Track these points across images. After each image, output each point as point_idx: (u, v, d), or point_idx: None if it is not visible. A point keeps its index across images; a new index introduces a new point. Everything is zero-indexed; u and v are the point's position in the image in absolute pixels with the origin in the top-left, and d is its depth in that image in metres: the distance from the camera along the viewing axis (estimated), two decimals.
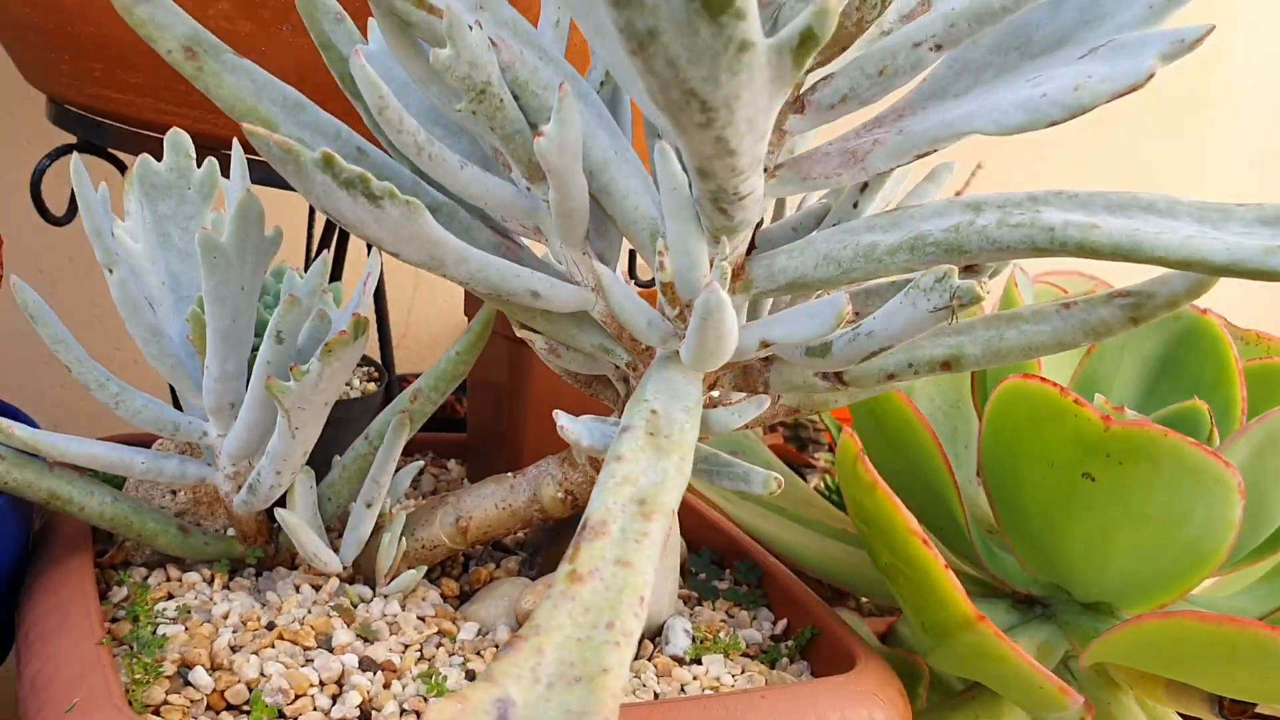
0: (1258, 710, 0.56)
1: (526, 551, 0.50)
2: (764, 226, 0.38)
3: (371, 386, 0.54)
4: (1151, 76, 0.29)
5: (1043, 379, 0.49)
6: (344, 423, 0.47)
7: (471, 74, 0.31)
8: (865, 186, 0.37)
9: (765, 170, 0.34)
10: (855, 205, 0.37)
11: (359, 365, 0.56)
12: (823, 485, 0.80)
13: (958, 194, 1.16)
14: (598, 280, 0.35)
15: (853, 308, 0.35)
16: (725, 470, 0.37)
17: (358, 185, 0.31)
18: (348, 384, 0.53)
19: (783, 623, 0.47)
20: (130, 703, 0.34)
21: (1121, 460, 0.48)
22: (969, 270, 0.35)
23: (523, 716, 0.23)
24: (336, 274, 0.66)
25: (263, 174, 0.41)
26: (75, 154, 0.39)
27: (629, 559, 0.27)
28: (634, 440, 0.31)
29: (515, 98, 0.33)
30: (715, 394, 0.39)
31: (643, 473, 0.30)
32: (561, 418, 0.33)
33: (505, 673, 0.24)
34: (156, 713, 0.36)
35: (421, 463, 0.48)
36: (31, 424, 0.45)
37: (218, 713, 0.37)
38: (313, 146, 0.34)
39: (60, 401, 0.73)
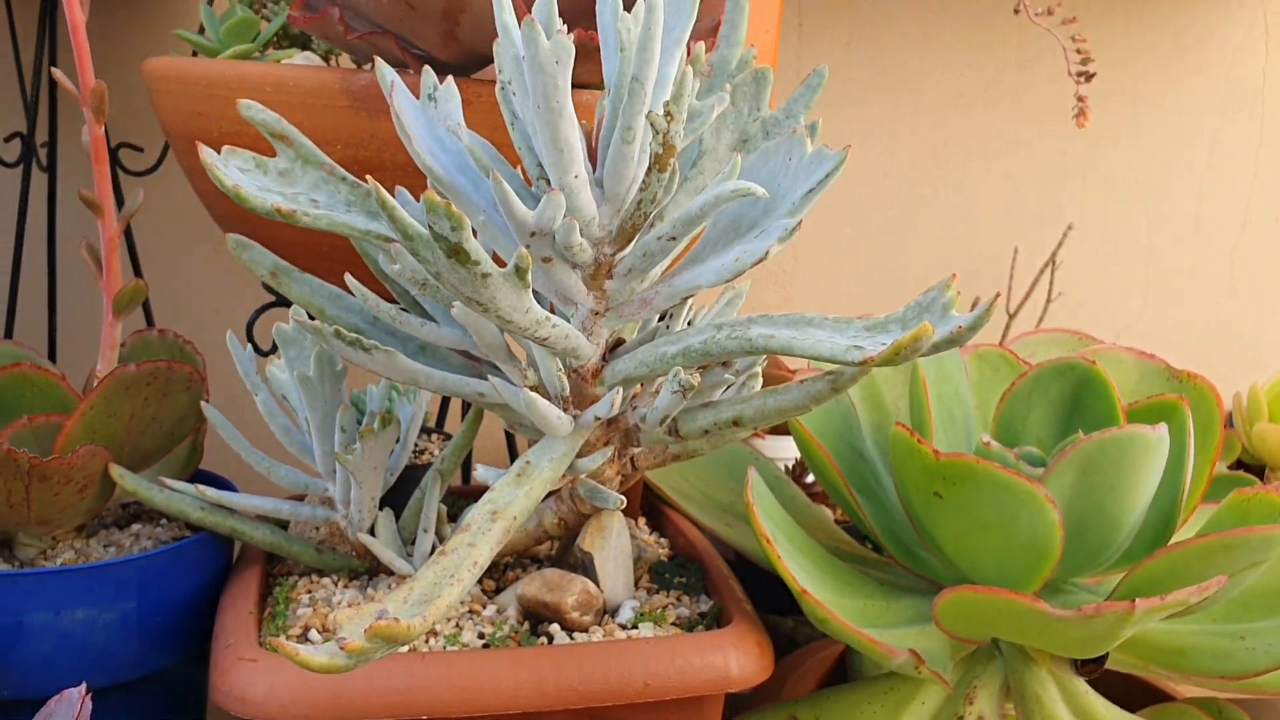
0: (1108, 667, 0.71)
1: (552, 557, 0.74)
2: (625, 342, 0.60)
3: None
4: (769, 253, 0.50)
5: (902, 425, 0.67)
6: (421, 479, 0.72)
7: (414, 275, 0.56)
8: (670, 314, 0.58)
9: (596, 313, 0.57)
10: (668, 326, 0.59)
11: (442, 438, 0.81)
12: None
13: (1053, 254, 1.30)
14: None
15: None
16: (599, 495, 0.59)
17: (356, 344, 0.55)
18: (428, 451, 0.78)
19: (710, 604, 0.68)
20: (262, 645, 0.60)
21: (955, 482, 0.66)
22: (725, 365, 0.56)
23: (390, 614, 0.46)
24: None
25: None
26: (239, 342, 0.66)
27: (475, 543, 0.50)
28: (506, 479, 0.54)
29: None
30: (608, 449, 0.61)
31: (502, 497, 0.53)
32: (479, 468, 0.56)
33: (389, 598, 0.47)
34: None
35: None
36: (232, 488, 0.72)
37: None
38: (345, 321, 0.59)
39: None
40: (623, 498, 0.58)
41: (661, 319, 0.61)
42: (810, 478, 1.06)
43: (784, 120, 0.61)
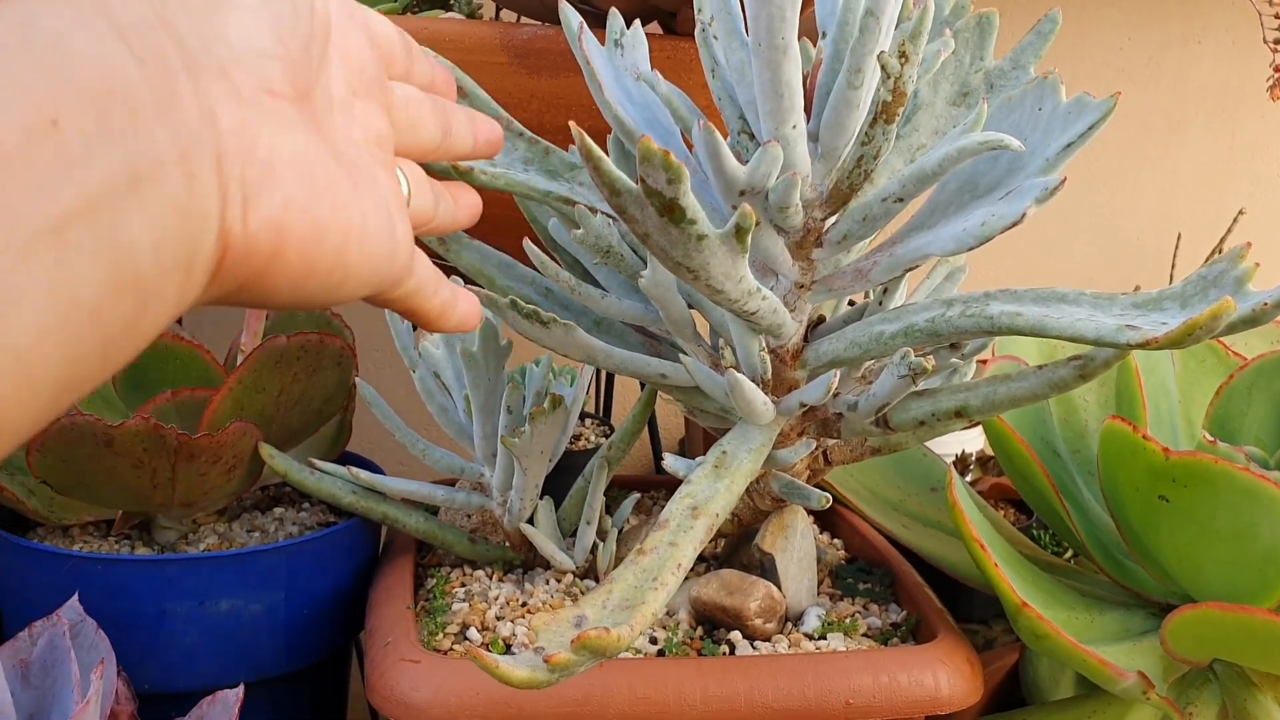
0: None
1: (720, 556, 0.68)
2: (827, 320, 0.54)
3: (603, 440, 0.73)
4: (1025, 215, 0.43)
5: (1121, 418, 0.60)
6: (579, 466, 0.66)
7: (597, 241, 0.50)
8: (886, 289, 0.52)
9: (801, 286, 0.50)
10: (880, 303, 0.52)
11: (597, 424, 0.75)
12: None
13: (1221, 242, 1.22)
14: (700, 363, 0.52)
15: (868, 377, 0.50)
16: (797, 492, 0.53)
17: (532, 316, 0.50)
18: (583, 437, 0.73)
19: (903, 614, 0.61)
20: (423, 644, 0.55)
21: (1186, 484, 0.58)
22: (954, 348, 0.50)
23: (590, 622, 0.40)
24: None
25: None
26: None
27: (677, 542, 0.44)
28: (702, 471, 0.48)
29: (634, 251, 0.52)
30: (804, 440, 0.55)
31: (701, 491, 0.47)
32: (667, 458, 0.50)
33: (586, 602, 0.42)
34: (441, 652, 0.56)
35: (638, 495, 0.66)
36: (379, 471, 0.67)
37: None
38: (518, 291, 0.54)
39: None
40: (827, 495, 0.51)
41: (866, 295, 0.54)
42: (969, 475, 0.99)
43: (1010, 71, 0.54)
